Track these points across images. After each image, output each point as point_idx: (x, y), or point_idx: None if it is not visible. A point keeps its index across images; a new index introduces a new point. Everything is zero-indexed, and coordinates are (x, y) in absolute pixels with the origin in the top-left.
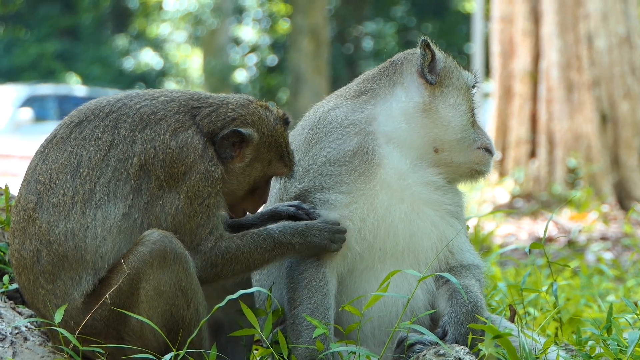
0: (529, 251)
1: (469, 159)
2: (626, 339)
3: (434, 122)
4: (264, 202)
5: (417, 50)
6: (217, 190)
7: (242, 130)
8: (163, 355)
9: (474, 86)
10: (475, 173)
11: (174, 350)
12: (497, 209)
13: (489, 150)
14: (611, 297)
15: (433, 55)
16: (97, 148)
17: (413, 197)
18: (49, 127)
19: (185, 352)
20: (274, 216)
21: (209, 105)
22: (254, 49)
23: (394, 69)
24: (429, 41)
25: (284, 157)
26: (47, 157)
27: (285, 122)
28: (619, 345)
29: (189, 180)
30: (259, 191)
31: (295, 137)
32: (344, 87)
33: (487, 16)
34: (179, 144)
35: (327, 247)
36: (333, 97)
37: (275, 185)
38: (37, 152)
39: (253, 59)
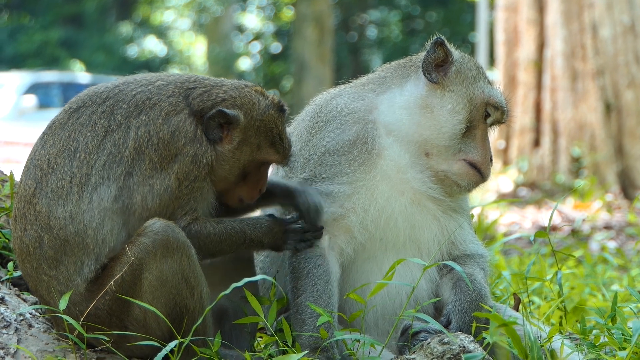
0: (534, 240)
1: (450, 168)
2: (631, 328)
3: (428, 122)
4: (261, 189)
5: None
6: (203, 175)
7: (227, 110)
8: (167, 344)
9: (495, 106)
10: (455, 185)
11: (179, 337)
12: (501, 198)
13: (476, 168)
14: (615, 286)
15: (448, 55)
16: (94, 134)
17: (413, 191)
18: (53, 114)
19: (190, 340)
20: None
21: (204, 87)
22: (257, 36)
23: (413, 62)
24: (444, 40)
25: (276, 143)
26: (46, 142)
27: (280, 110)
28: (623, 335)
29: (179, 162)
30: (251, 177)
31: (299, 123)
32: (365, 75)
33: (491, 5)
34: (171, 127)
35: (290, 249)
36: (346, 85)
37: (279, 174)
38: (38, 138)
39: (257, 46)
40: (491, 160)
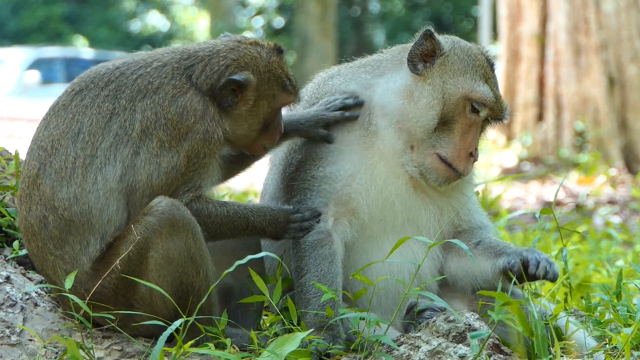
0: (539, 216)
1: (423, 161)
2: (636, 304)
3: (410, 113)
4: (280, 132)
5: (444, 37)
6: (212, 152)
7: (237, 77)
8: (172, 322)
9: (479, 102)
10: (427, 180)
11: (184, 316)
12: (505, 173)
13: (447, 163)
14: (620, 262)
15: (436, 47)
16: (98, 116)
17: (408, 175)
18: (56, 90)
19: (195, 318)
20: (319, 123)
21: (201, 60)
22: (260, 11)
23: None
24: (433, 32)
25: (287, 86)
26: (49, 124)
27: (279, 52)
28: (628, 311)
29: (190, 139)
30: (271, 125)
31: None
32: (370, 54)
33: None
34: (179, 108)
35: (289, 238)
36: (345, 64)
37: (279, 154)
38: (41, 120)
39: (260, 21)
40: (472, 155)
